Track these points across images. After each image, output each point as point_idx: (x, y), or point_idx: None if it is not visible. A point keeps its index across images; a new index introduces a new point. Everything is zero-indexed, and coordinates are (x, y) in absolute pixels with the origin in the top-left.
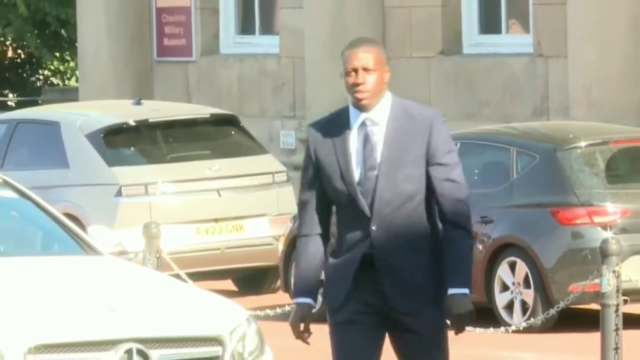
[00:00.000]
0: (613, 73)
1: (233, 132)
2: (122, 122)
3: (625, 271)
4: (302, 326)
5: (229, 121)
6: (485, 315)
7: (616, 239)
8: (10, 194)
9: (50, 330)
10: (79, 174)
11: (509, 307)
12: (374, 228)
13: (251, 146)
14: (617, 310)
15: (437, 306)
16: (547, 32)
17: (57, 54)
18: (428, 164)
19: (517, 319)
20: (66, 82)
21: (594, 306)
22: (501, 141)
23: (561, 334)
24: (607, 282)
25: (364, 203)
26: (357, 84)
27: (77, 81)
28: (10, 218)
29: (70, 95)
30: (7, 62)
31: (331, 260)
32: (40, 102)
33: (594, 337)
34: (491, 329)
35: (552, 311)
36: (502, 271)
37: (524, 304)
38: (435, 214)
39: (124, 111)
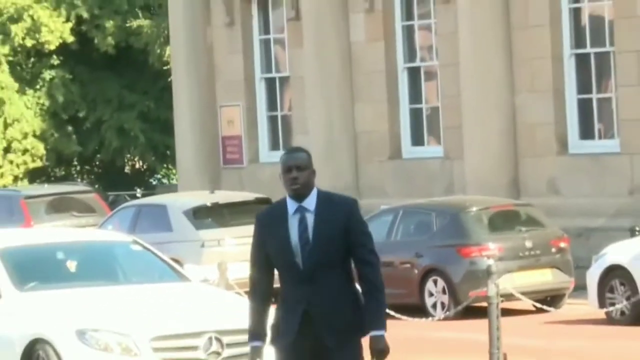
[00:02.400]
0: (489, 167)
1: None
2: (203, 204)
3: (501, 283)
4: None
5: (266, 201)
6: (419, 311)
7: (495, 264)
8: (138, 247)
9: (164, 326)
10: (179, 234)
11: (434, 305)
12: (308, 288)
13: None
14: (497, 306)
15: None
16: (451, 144)
17: (165, 165)
18: (349, 239)
19: (439, 313)
20: (170, 181)
21: (484, 304)
22: (426, 208)
23: (465, 320)
24: (491, 290)
25: (300, 268)
26: (295, 179)
27: (176, 180)
28: (138, 262)
29: (172, 189)
30: (135, 172)
31: (279, 311)
32: (155, 194)
33: (484, 322)
34: (423, 319)
35: (459, 308)
36: (429, 284)
37: (442, 304)
38: (352, 276)
39: (204, 197)
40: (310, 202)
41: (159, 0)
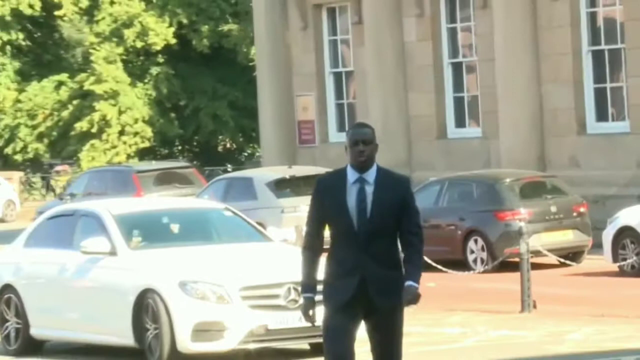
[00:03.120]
0: (520, 145)
1: None
2: (282, 176)
3: (531, 242)
4: (310, 312)
5: None
6: (462, 265)
7: (525, 226)
8: (229, 213)
9: (251, 278)
10: (262, 202)
11: (474, 261)
12: (363, 254)
13: None
14: (527, 261)
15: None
16: (488, 126)
17: (251, 145)
18: (402, 212)
19: (478, 267)
20: (255, 158)
21: (516, 260)
22: (468, 179)
23: (500, 273)
24: (522, 247)
25: (356, 233)
26: (361, 152)
27: (260, 157)
28: (229, 225)
29: (257, 165)
30: (226, 151)
31: (331, 271)
32: (243, 169)
33: (517, 275)
34: (465, 272)
35: (495, 263)
36: (471, 243)
37: (481, 259)
38: (397, 243)
39: (283, 171)
40: (371, 174)
41: (245, 8)
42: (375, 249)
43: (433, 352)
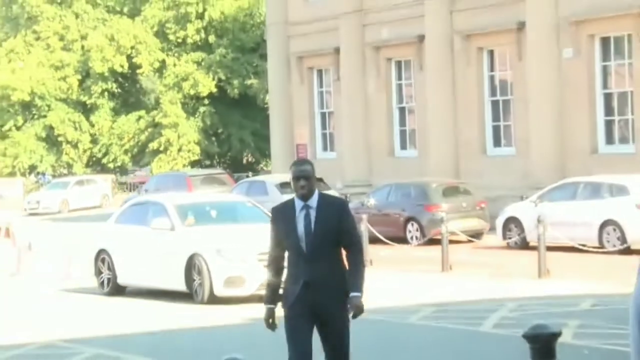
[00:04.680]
0: (443, 163)
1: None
2: (285, 180)
3: (449, 226)
4: (270, 320)
5: (319, 179)
6: (404, 241)
7: (445, 215)
8: (250, 205)
9: (263, 246)
10: (272, 197)
11: (412, 238)
12: (309, 265)
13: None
14: (446, 238)
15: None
16: (422, 148)
17: (265, 160)
18: (341, 229)
19: (414, 242)
20: (267, 167)
21: (439, 237)
22: (408, 184)
23: (429, 246)
24: (443, 229)
25: (304, 251)
26: (303, 187)
27: (271, 168)
28: (250, 212)
29: (269, 172)
30: (249, 163)
31: (287, 283)
32: (259, 175)
33: (439, 247)
34: (405, 245)
35: (425, 239)
36: (409, 226)
37: (416, 237)
38: (342, 257)
39: (286, 177)
40: (313, 201)
41: (262, 69)
42: (318, 263)
43: (380, 296)
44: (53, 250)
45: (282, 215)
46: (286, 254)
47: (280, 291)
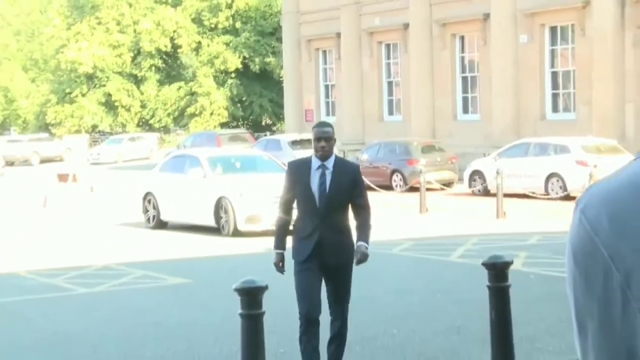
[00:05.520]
0: (422, 125)
1: None
2: (296, 139)
3: (426, 177)
4: (280, 264)
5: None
6: (390, 188)
7: (423, 168)
8: (267, 158)
9: (277, 191)
10: (285, 153)
11: (397, 186)
12: (322, 222)
13: None
14: (424, 186)
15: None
16: (406, 114)
17: (280, 122)
18: (353, 192)
19: (398, 189)
20: (281, 128)
21: (418, 186)
22: (394, 142)
23: (410, 193)
24: (422, 179)
25: (317, 207)
26: (323, 147)
27: (285, 129)
28: (267, 164)
29: (283, 132)
30: (267, 124)
31: (297, 235)
32: (275, 134)
33: (418, 194)
34: (391, 191)
35: (407, 186)
36: (395, 177)
37: (400, 185)
38: (348, 216)
39: (296, 136)
40: (330, 162)
41: (279, 49)
42: (330, 220)
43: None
44: (110, 193)
45: (297, 170)
46: (295, 203)
47: (291, 227)
